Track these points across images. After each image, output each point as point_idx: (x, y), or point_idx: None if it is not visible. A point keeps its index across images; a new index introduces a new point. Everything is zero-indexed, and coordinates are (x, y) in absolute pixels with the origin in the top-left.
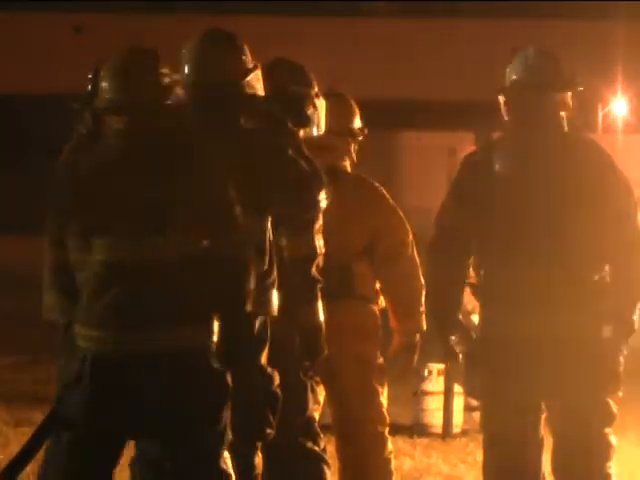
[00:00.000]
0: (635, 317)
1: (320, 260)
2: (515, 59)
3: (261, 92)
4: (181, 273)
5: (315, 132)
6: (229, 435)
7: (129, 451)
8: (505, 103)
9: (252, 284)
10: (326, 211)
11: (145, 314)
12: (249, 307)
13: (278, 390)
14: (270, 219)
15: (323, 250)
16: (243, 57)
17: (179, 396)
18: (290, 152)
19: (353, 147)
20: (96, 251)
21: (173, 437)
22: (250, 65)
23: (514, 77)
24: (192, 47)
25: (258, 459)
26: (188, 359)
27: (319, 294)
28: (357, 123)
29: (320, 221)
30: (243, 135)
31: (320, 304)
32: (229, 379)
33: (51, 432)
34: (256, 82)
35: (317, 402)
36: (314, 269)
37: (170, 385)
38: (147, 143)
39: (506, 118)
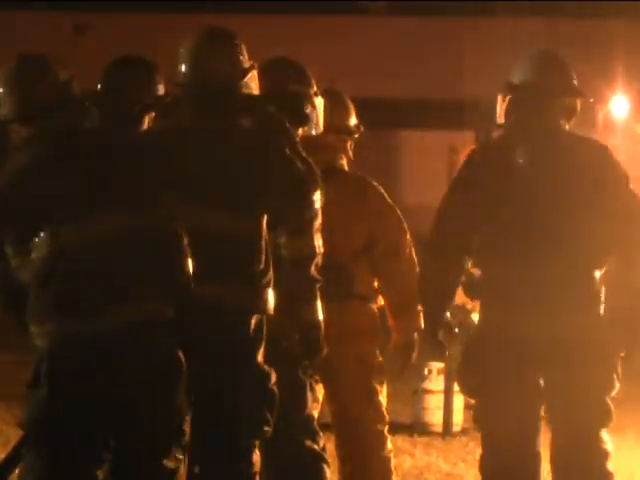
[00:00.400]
0: None
1: (319, 259)
2: (525, 59)
3: (256, 91)
4: (121, 253)
5: (314, 131)
6: (185, 415)
7: None
8: (510, 102)
9: (186, 267)
10: (324, 210)
11: (92, 297)
12: (186, 288)
13: (275, 388)
14: (266, 218)
15: (322, 250)
16: (241, 57)
17: (133, 377)
18: (287, 152)
19: (350, 145)
20: (36, 250)
21: (129, 423)
22: (247, 64)
23: (524, 78)
24: (190, 46)
25: (256, 457)
26: (138, 337)
27: (318, 293)
28: (353, 121)
29: (319, 220)
30: (240, 134)
31: (319, 303)
32: (182, 357)
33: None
34: (252, 81)
35: (316, 400)
36: (313, 268)
37: (124, 366)
38: (54, 146)
39: (501, 117)
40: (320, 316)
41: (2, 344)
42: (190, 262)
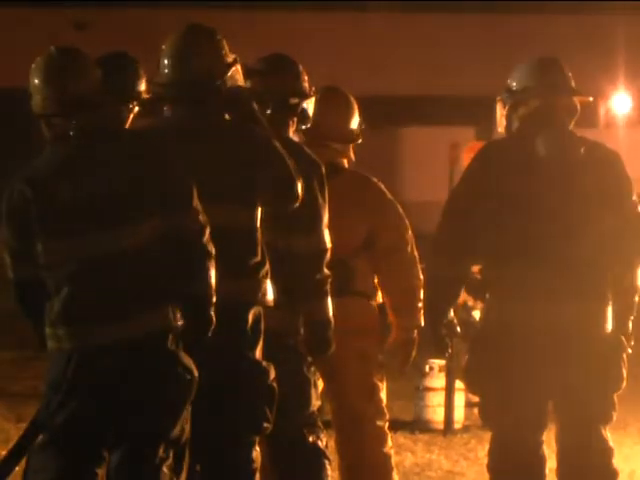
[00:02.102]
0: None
1: (328, 255)
2: (523, 65)
3: (241, 83)
4: (145, 258)
5: (303, 126)
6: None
7: None
8: (511, 107)
9: (209, 268)
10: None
11: (123, 301)
12: (208, 291)
13: (274, 384)
14: (260, 211)
15: (330, 245)
16: (223, 52)
17: (149, 385)
18: (274, 144)
19: (351, 147)
20: (67, 251)
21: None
22: (230, 59)
23: (525, 81)
24: (171, 44)
25: (256, 453)
26: (151, 345)
27: (329, 289)
28: (355, 123)
29: (327, 216)
30: (227, 129)
31: (330, 300)
32: (194, 371)
33: (38, 433)
34: (236, 74)
35: (318, 398)
36: (324, 264)
37: (137, 372)
38: (96, 143)
39: (502, 123)
40: (330, 313)
41: (2, 342)
42: (212, 270)
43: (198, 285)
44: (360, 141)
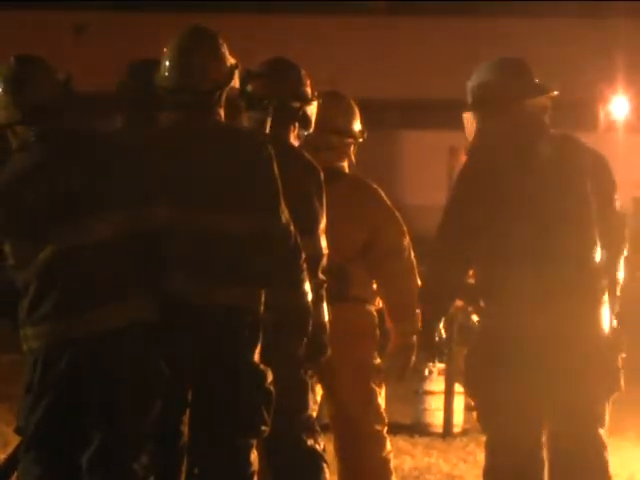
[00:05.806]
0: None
1: (325, 261)
2: (481, 73)
3: (237, 86)
4: (116, 256)
5: (305, 132)
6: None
7: None
8: (484, 116)
9: (169, 271)
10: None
11: (92, 296)
12: (171, 291)
13: (272, 387)
14: None
15: (327, 250)
16: (225, 58)
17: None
18: (270, 156)
19: (352, 149)
20: (33, 249)
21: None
22: (232, 62)
23: (491, 91)
24: (173, 49)
25: (254, 456)
26: (122, 340)
27: (324, 295)
28: (357, 126)
29: (324, 221)
30: (231, 134)
31: (325, 305)
32: (161, 363)
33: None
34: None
35: (315, 402)
36: (320, 270)
37: (105, 369)
38: (61, 146)
39: (471, 134)
40: (326, 317)
41: (2, 344)
42: (175, 265)
43: (156, 286)
44: (361, 140)
